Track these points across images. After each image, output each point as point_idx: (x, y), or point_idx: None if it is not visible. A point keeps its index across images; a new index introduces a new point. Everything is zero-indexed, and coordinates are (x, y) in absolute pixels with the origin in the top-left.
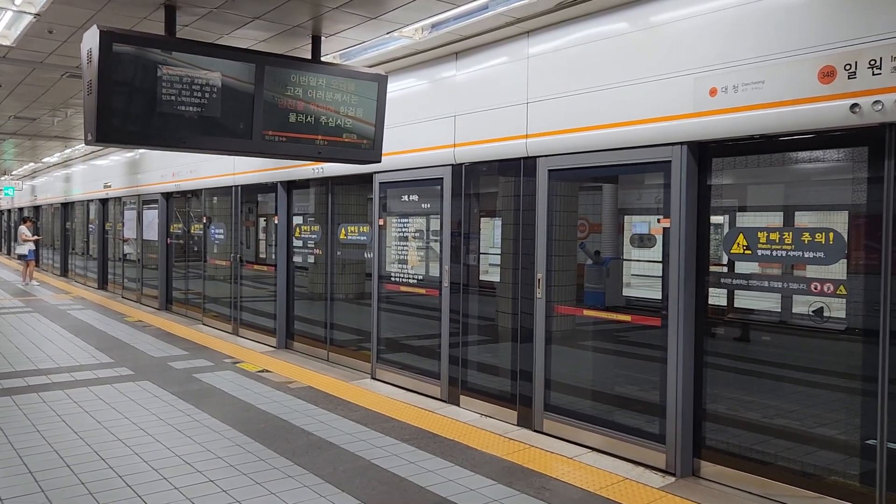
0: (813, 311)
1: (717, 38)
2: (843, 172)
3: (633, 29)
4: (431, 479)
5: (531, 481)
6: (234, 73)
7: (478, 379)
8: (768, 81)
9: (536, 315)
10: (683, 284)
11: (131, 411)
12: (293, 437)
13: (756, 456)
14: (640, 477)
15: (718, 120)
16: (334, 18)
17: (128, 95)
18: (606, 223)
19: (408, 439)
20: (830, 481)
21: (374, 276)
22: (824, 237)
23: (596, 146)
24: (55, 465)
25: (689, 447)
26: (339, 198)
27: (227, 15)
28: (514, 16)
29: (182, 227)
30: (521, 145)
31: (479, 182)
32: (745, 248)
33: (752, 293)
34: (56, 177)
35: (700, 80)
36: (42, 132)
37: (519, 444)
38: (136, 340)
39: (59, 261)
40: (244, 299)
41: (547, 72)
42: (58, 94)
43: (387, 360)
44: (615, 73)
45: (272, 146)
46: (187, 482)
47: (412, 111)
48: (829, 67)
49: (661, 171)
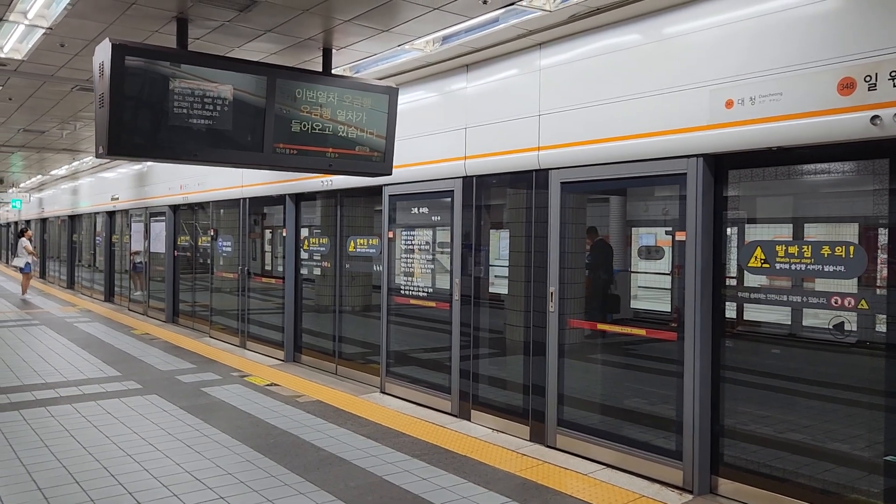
0: (834, 326)
1: (733, 51)
2: (862, 185)
3: (646, 41)
4: (445, 496)
5: (546, 498)
6: (246, 86)
7: (489, 393)
8: (786, 93)
9: (549, 328)
10: (700, 297)
11: (140, 426)
12: (303, 452)
13: (776, 473)
14: (656, 494)
15: (735, 132)
16: (345, 31)
17: (139, 108)
18: (614, 235)
19: (419, 455)
20: (851, 499)
21: (383, 289)
22: (844, 251)
23: (610, 158)
24: (64, 480)
25: (706, 464)
26: (348, 210)
27: (238, 28)
28: (526, 28)
29: (189, 240)
30: (532, 157)
31: (490, 194)
32: (762, 261)
33: (769, 307)
34: (63, 189)
35: (716, 93)
36: (50, 145)
37: (532, 460)
38: (144, 353)
39: (65, 273)
40: (251, 312)
41: (559, 84)
42: (67, 107)
43: (396, 373)
44: (629, 85)
45: (283, 159)
46: (198, 499)
47: (423, 123)
48: (849, 79)
49: (676, 183)
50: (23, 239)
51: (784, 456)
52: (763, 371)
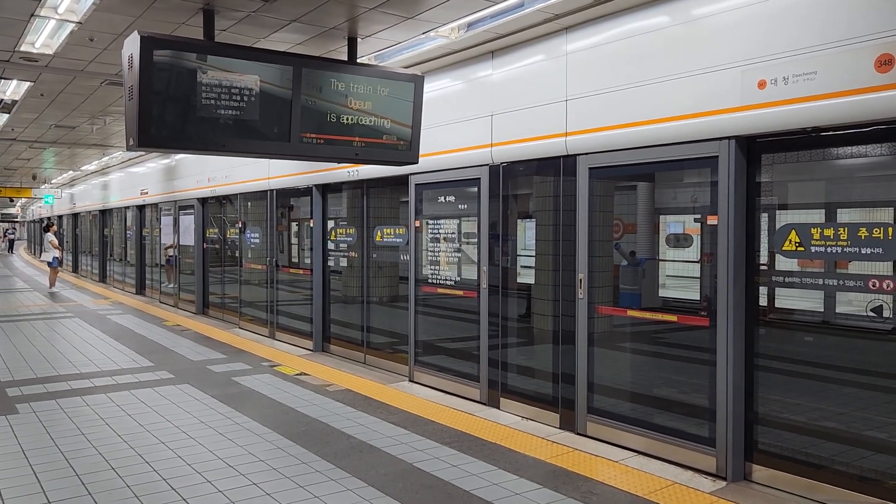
0: (872, 309)
1: (764, 29)
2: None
3: (674, 22)
4: (475, 483)
5: (577, 485)
6: (272, 76)
7: (518, 381)
8: (821, 72)
9: (578, 316)
10: (733, 283)
11: (173, 414)
12: (333, 439)
13: (811, 460)
14: (689, 481)
15: (768, 113)
16: (370, 19)
17: (168, 100)
18: (641, 223)
19: (449, 442)
20: (890, 486)
21: (410, 279)
22: (882, 232)
23: (639, 143)
24: (101, 467)
25: (740, 450)
26: (374, 200)
27: (264, 18)
28: (552, 12)
29: (217, 233)
30: (560, 143)
31: (518, 183)
32: (797, 244)
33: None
34: (94, 184)
35: (748, 73)
36: (81, 140)
37: (562, 448)
38: (175, 344)
39: (97, 267)
40: (280, 303)
41: (586, 68)
42: (97, 102)
43: (424, 362)
44: (657, 68)
45: (310, 148)
46: (231, 485)
47: (448, 111)
48: (888, 55)
49: (707, 167)
50: (48, 234)
51: (819, 443)
52: (797, 359)
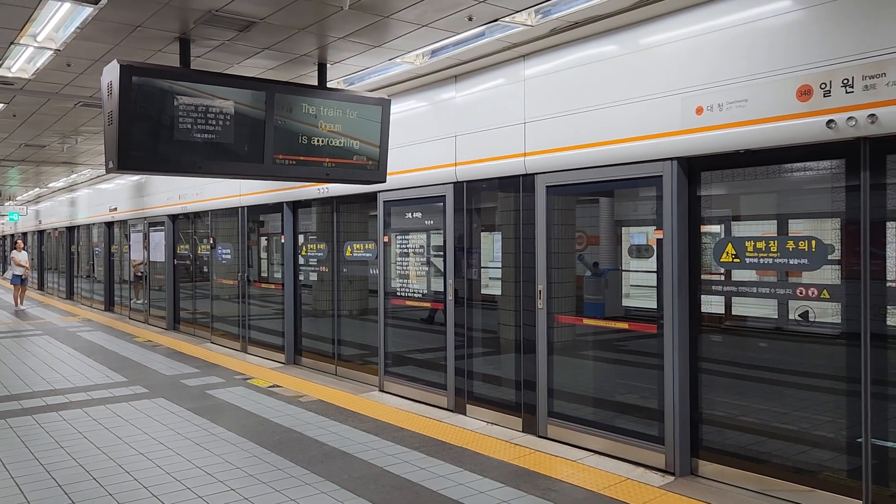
0: (799, 315)
1: (702, 60)
2: (823, 182)
3: (623, 51)
4: (442, 484)
5: (538, 483)
6: (246, 100)
7: (483, 389)
8: (751, 100)
9: (538, 325)
10: (677, 292)
11: (149, 427)
12: (307, 447)
13: (751, 454)
14: (641, 477)
15: (705, 136)
16: (339, 48)
17: (147, 125)
18: (604, 235)
19: (418, 447)
20: (822, 476)
21: (379, 292)
22: (807, 244)
23: (591, 163)
24: (82, 478)
25: (686, 447)
26: (344, 216)
27: (237, 46)
28: (510, 41)
29: (188, 249)
30: (519, 163)
31: (481, 198)
32: (733, 256)
33: (742, 302)
34: (60, 201)
35: (687, 100)
36: (50, 158)
37: (525, 450)
38: (148, 360)
39: (64, 284)
40: (252, 317)
41: (543, 93)
42: (69, 122)
43: (394, 372)
44: (608, 94)
45: (283, 169)
46: (210, 491)
47: (414, 132)
48: (807, 86)
49: (653, 185)
50: (14, 251)
51: (760, 440)
52: (743, 363)
